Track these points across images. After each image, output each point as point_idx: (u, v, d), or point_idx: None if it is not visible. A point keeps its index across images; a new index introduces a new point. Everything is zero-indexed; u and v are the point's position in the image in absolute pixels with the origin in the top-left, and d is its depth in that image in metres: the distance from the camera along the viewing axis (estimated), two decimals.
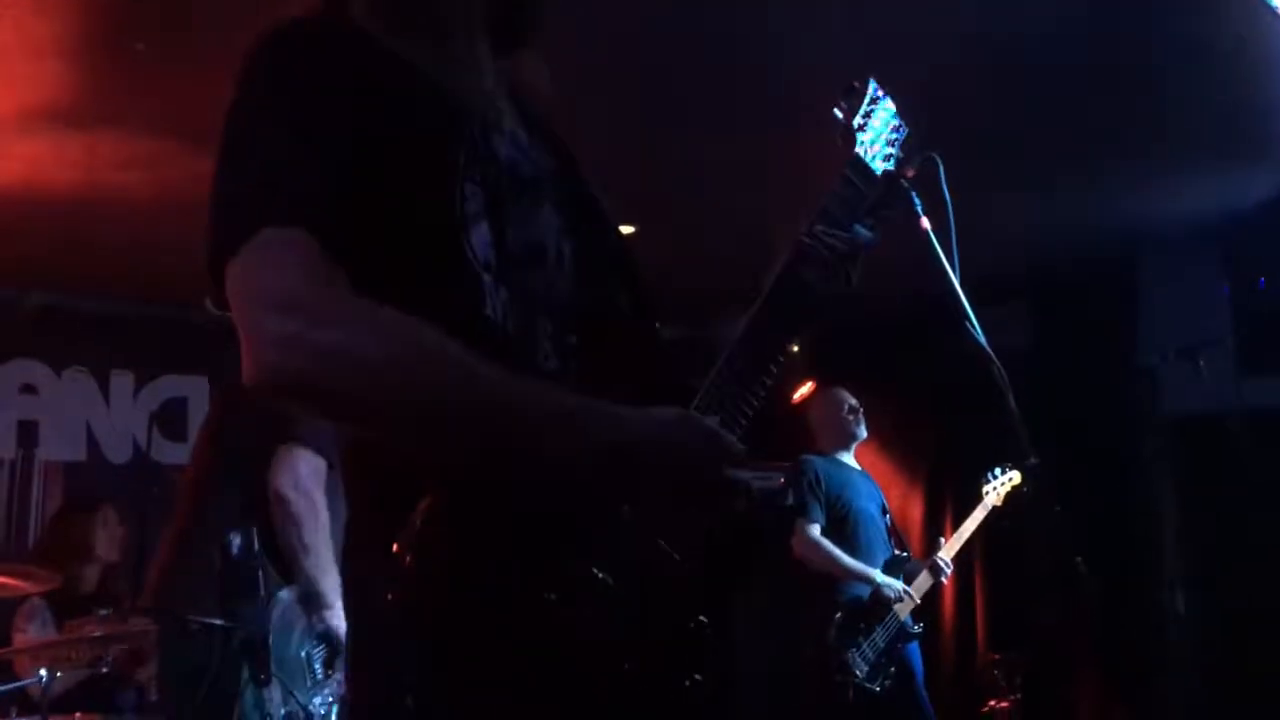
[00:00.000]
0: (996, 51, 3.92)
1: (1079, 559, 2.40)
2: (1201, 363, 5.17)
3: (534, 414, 1.21)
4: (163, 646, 2.93)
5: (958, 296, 2.41)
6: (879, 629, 4.74)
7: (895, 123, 1.74)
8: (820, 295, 1.55)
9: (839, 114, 1.71)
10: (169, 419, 6.25)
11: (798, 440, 5.13)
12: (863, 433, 5.17)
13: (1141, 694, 5.49)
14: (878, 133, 1.71)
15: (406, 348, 1.18)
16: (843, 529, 4.87)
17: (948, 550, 5.04)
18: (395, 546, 1.18)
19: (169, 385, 6.35)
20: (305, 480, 2.71)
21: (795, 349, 1.61)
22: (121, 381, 6.23)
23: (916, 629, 4.89)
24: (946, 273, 2.44)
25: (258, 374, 1.17)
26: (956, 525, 5.31)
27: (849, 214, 1.63)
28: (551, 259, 1.39)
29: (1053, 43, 4.03)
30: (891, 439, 6.42)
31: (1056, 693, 5.48)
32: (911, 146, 1.77)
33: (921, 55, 3.87)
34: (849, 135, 1.69)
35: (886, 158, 1.71)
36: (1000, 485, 5.11)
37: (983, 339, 2.26)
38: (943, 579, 5.01)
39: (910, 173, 2.68)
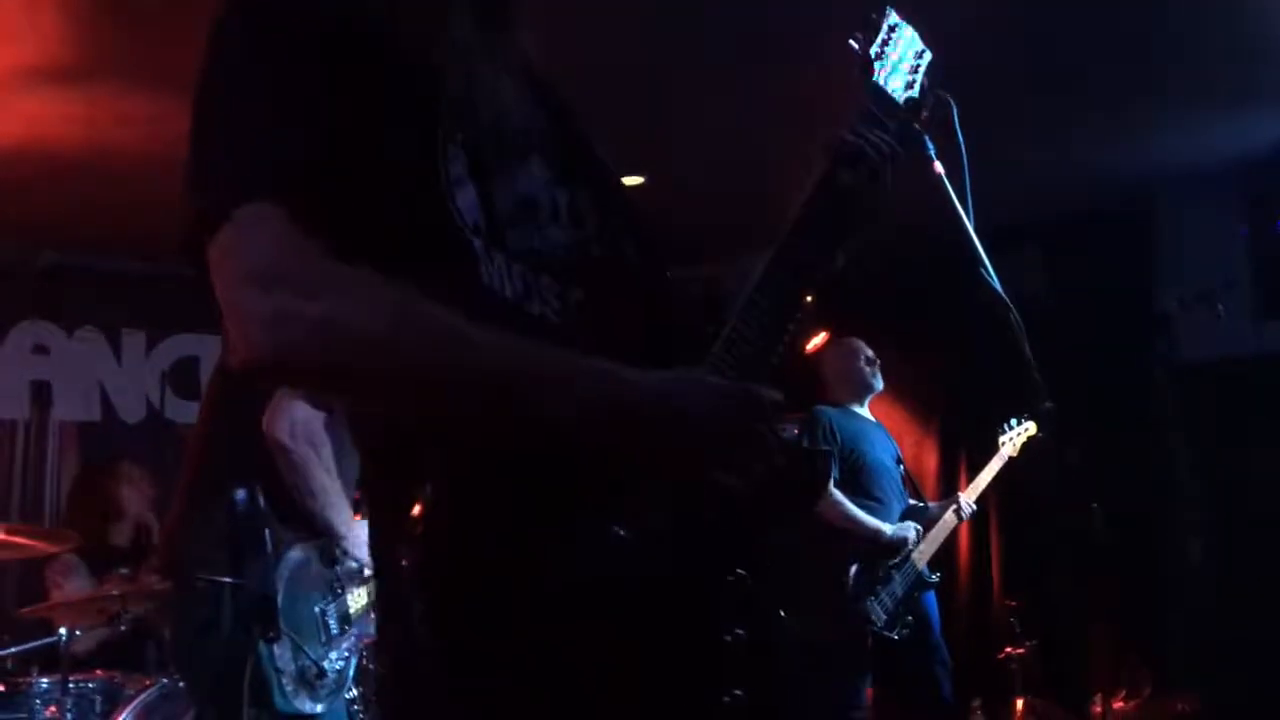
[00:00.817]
0: (1017, 9, 3.86)
1: (1095, 506, 2.38)
2: (1220, 307, 5.11)
3: (532, 378, 1.18)
4: (173, 605, 2.94)
5: (972, 242, 2.37)
6: (897, 577, 4.74)
7: (917, 48, 1.65)
8: (868, 201, 1.45)
9: (855, 44, 1.61)
10: (182, 377, 6.27)
11: (805, 394, 5.09)
12: (879, 384, 5.12)
13: (1156, 642, 5.49)
14: (897, 62, 1.62)
15: (396, 315, 1.15)
16: (857, 480, 4.86)
17: (966, 496, 5.03)
18: (410, 513, 1.16)
19: (181, 344, 6.35)
20: (302, 426, 2.70)
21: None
22: (133, 340, 6.24)
23: (934, 578, 4.89)
24: (960, 218, 2.40)
25: (247, 355, 1.14)
26: (972, 474, 5.29)
27: (875, 131, 1.53)
28: (545, 213, 1.34)
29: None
30: (903, 387, 6.38)
31: (1072, 640, 5.48)
32: (936, 71, 1.67)
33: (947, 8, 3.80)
34: (867, 65, 1.59)
35: (909, 85, 1.62)
36: (1017, 436, 5.06)
37: (998, 285, 2.22)
38: (963, 518, 5.00)
39: (923, 115, 2.63)
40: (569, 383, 1.19)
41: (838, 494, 4.79)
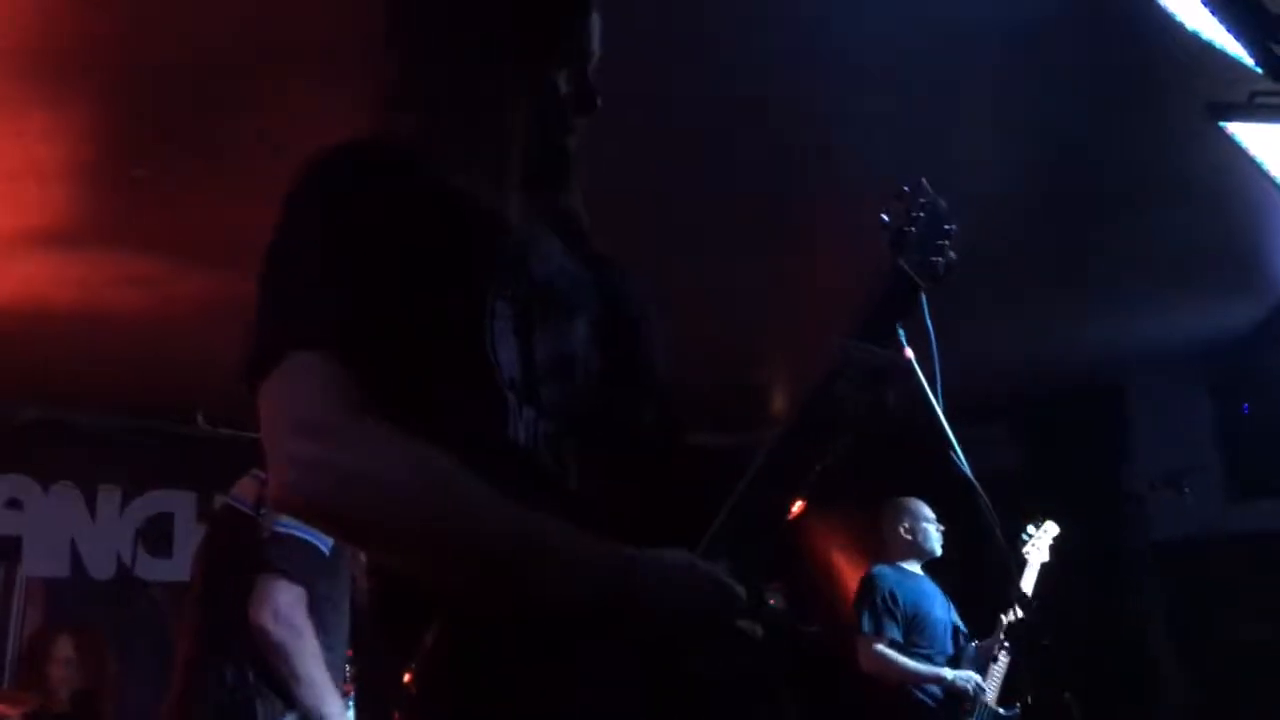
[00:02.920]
0: (991, 182, 4.03)
1: (1067, 695, 2.38)
2: (1187, 489, 5.18)
3: (538, 555, 1.22)
4: None
5: (942, 426, 2.43)
6: None
7: (949, 226, 1.65)
8: (853, 414, 1.48)
9: (885, 219, 1.63)
10: (155, 534, 6.21)
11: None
12: (938, 548, 4.96)
13: None
14: (927, 237, 1.62)
15: (420, 478, 1.21)
16: (917, 640, 4.76)
17: (1009, 619, 4.81)
18: (406, 676, 1.21)
19: (156, 500, 6.31)
20: (285, 610, 2.66)
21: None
22: (109, 496, 6.20)
23: (1012, 711, 4.68)
24: (930, 402, 2.46)
25: (281, 494, 1.21)
26: None
27: (889, 326, 1.56)
28: (580, 374, 1.39)
29: (1045, 173, 4.14)
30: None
31: None
32: (960, 245, 1.67)
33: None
34: (895, 241, 1.60)
35: (934, 265, 1.62)
36: (1040, 539, 4.88)
37: (968, 471, 2.27)
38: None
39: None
40: (568, 567, 1.23)
41: (890, 653, 4.69)
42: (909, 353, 2.55)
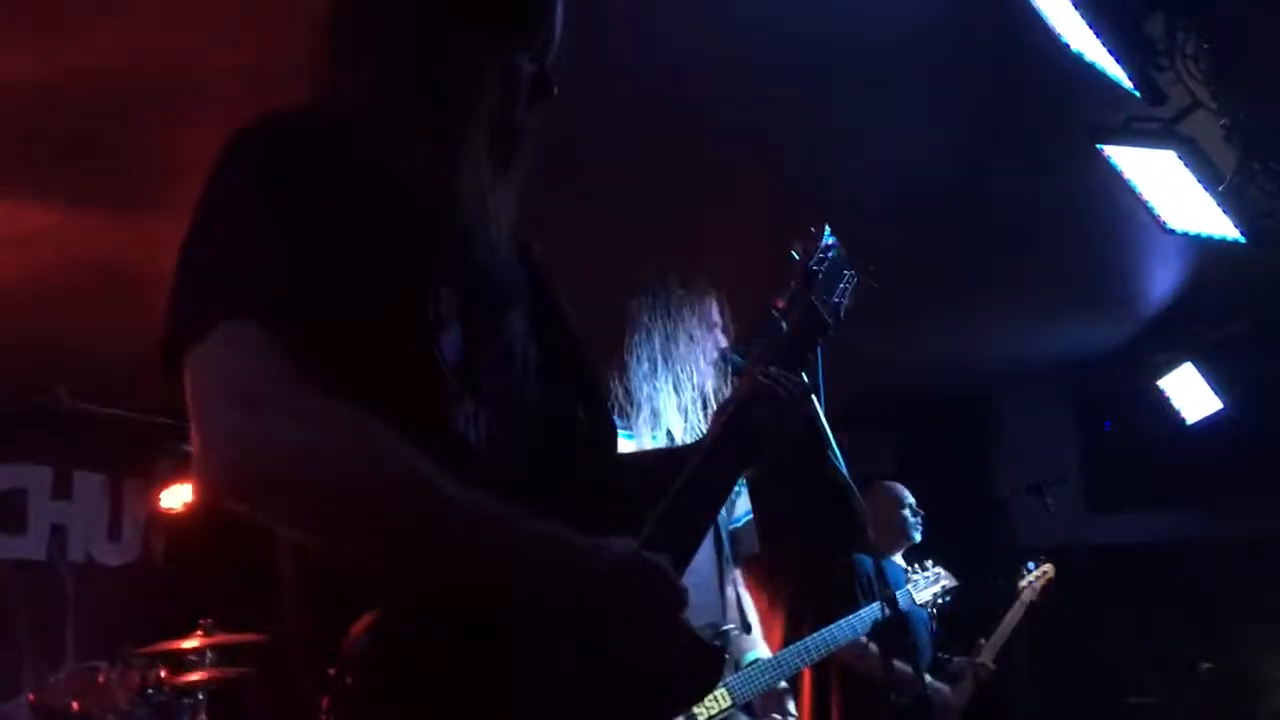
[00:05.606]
0: (870, 198, 4.11)
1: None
2: (1049, 499, 5.34)
3: (488, 538, 1.19)
4: None
5: (822, 426, 2.46)
6: None
7: (848, 272, 1.82)
8: (766, 436, 1.58)
9: (796, 255, 1.77)
10: (6, 510, 5.94)
11: None
12: (918, 535, 4.86)
13: None
14: (830, 280, 1.78)
15: (377, 458, 1.14)
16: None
17: (987, 653, 4.78)
18: (335, 664, 1.14)
19: (8, 474, 6.04)
20: None
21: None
22: None
23: None
24: (815, 408, 2.49)
25: (216, 473, 1.12)
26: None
27: (800, 357, 1.70)
28: (518, 366, 1.37)
29: (924, 189, 4.23)
30: (754, 559, 6.44)
31: None
32: (857, 293, 1.85)
33: (813, 209, 4.04)
34: (805, 278, 1.74)
35: (836, 306, 1.78)
36: (1037, 580, 4.89)
37: (844, 469, 2.30)
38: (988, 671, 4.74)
39: (781, 303, 2.76)
40: (524, 551, 1.20)
41: (875, 647, 4.58)
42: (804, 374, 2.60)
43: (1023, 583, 4.90)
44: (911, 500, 4.92)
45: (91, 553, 6.21)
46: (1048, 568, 4.90)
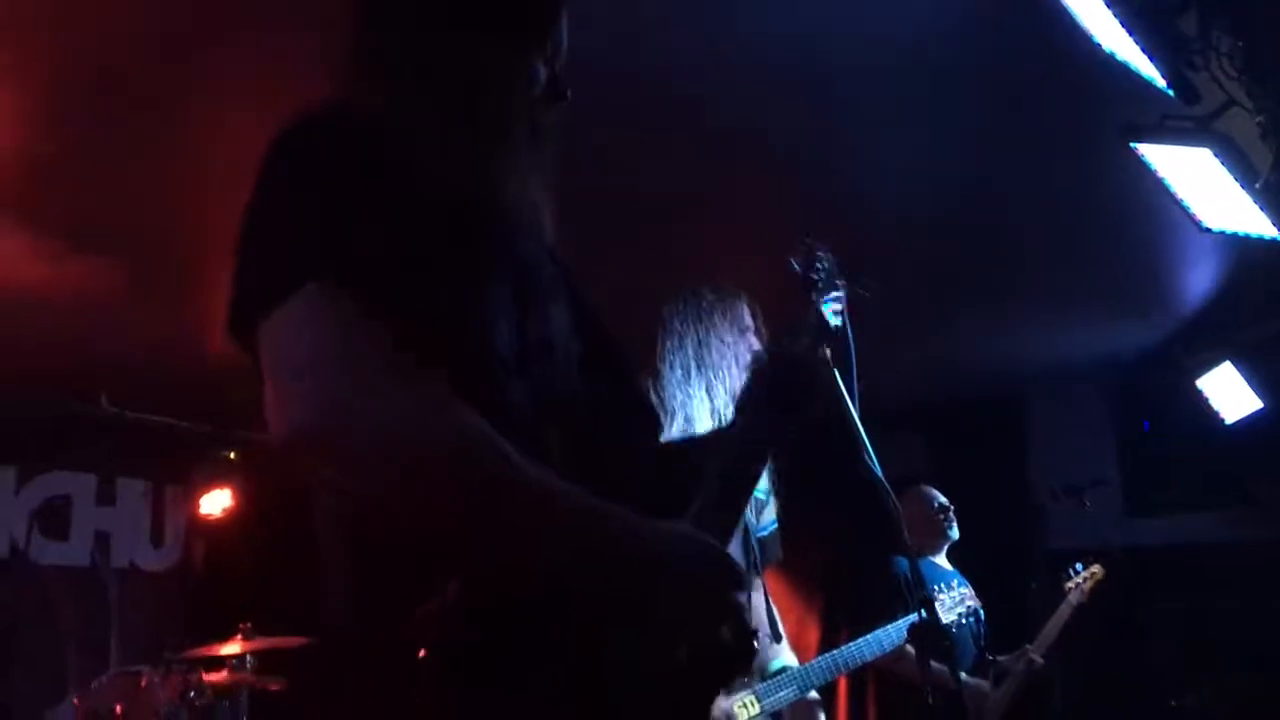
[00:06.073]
0: (903, 200, 4.11)
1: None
2: (1087, 502, 5.30)
3: (564, 514, 1.22)
4: None
5: (856, 427, 2.46)
6: None
7: (838, 281, 1.98)
8: (797, 394, 1.61)
9: (795, 265, 1.94)
10: (51, 517, 6.03)
11: None
12: (954, 533, 4.83)
13: None
14: (824, 290, 1.95)
15: (453, 429, 1.16)
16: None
17: (1037, 652, 4.70)
18: (410, 638, 1.15)
19: (53, 481, 6.13)
20: None
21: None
22: (3, 475, 6.00)
23: None
24: (845, 403, 2.50)
25: (291, 433, 1.13)
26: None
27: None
28: (561, 357, 1.40)
29: (956, 190, 4.22)
30: (786, 563, 6.44)
31: None
32: (846, 304, 2.02)
33: (846, 213, 4.06)
34: (808, 283, 1.91)
35: (834, 314, 1.95)
36: (1084, 581, 4.83)
37: (879, 470, 2.31)
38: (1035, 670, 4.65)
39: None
40: (599, 530, 1.24)
41: (911, 648, 4.57)
42: (826, 352, 2.60)
43: (1070, 584, 4.84)
44: (942, 499, 4.89)
45: (134, 558, 6.29)
46: (1096, 569, 4.83)
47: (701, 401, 2.93)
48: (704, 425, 2.93)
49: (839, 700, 5.88)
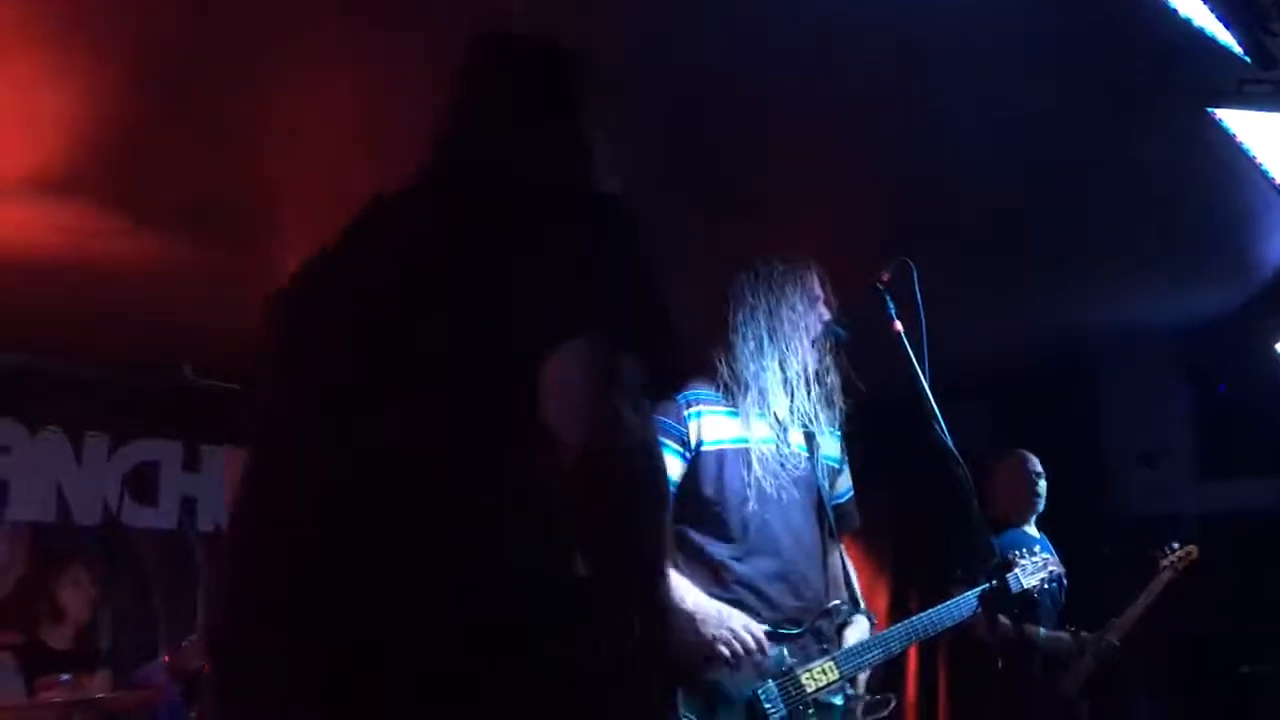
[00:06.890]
0: (973, 167, 4.09)
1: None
2: (1160, 467, 5.26)
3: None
4: None
5: (927, 397, 2.50)
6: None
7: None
8: None
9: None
10: (141, 483, 6.24)
11: None
12: (1042, 503, 4.82)
13: None
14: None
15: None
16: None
17: (1115, 631, 4.70)
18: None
19: (142, 449, 6.34)
20: None
21: None
22: (96, 443, 6.22)
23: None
24: (916, 374, 2.53)
25: (591, 440, 1.44)
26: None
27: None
28: None
29: (1026, 157, 4.19)
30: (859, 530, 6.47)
31: None
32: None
33: (911, 180, 4.04)
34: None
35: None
36: (1179, 560, 4.77)
37: (949, 440, 2.34)
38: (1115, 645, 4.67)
39: (885, 277, 2.79)
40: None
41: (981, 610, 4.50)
42: (898, 325, 2.63)
43: (1164, 562, 4.77)
44: (1038, 467, 4.85)
45: (219, 523, 6.50)
46: (1191, 548, 4.77)
47: (774, 373, 2.95)
48: (776, 400, 2.95)
49: (909, 663, 5.93)
